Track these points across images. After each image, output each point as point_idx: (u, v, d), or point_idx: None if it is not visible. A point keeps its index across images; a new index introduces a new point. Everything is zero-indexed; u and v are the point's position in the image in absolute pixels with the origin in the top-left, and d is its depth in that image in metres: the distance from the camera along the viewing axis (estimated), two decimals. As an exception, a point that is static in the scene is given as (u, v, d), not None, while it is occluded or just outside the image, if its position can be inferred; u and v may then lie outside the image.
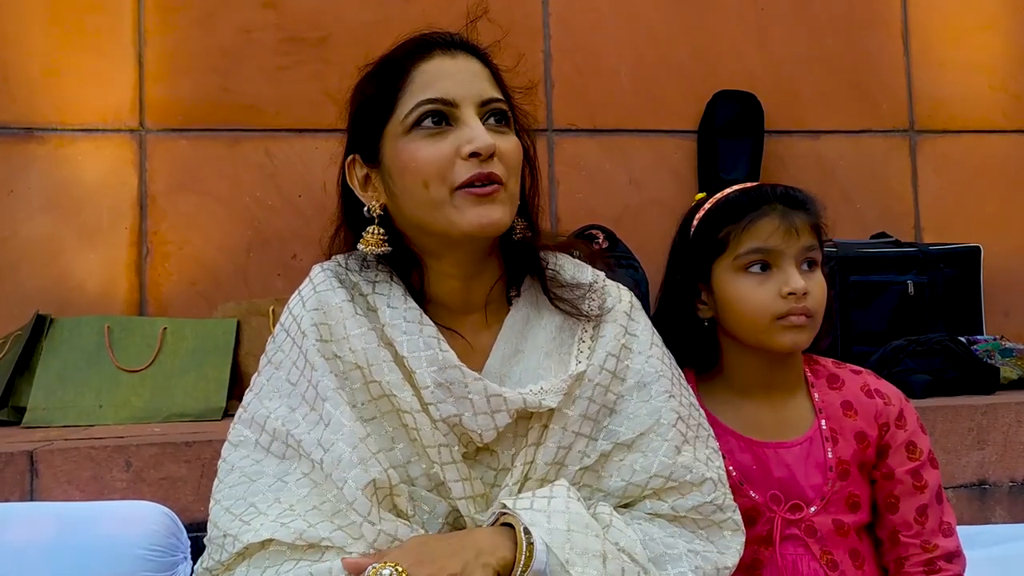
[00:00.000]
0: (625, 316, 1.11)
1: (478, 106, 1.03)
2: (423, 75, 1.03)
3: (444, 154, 1.00)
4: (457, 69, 1.04)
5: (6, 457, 1.70)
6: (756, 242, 1.15)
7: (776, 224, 1.14)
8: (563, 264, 1.15)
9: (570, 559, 0.91)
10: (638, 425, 1.05)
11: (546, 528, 0.92)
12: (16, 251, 2.44)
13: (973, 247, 2.56)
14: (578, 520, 0.94)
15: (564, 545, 0.92)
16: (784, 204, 1.16)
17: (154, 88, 2.55)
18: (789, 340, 1.14)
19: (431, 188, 1.00)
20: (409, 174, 1.02)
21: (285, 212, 2.57)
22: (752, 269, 1.16)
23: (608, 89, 2.76)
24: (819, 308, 1.15)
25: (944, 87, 2.91)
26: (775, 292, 1.13)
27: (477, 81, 1.04)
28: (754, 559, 1.15)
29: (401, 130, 1.03)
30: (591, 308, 1.10)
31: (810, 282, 1.14)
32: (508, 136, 1.06)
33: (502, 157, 1.02)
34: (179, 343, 2.22)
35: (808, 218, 1.16)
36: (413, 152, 1.01)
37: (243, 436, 1.03)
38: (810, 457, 1.17)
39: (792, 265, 1.14)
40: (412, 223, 1.05)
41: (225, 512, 0.97)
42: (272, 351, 1.07)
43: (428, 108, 1.01)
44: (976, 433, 1.91)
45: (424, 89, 1.02)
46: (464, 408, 0.99)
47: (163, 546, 1.57)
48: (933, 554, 1.15)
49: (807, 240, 1.15)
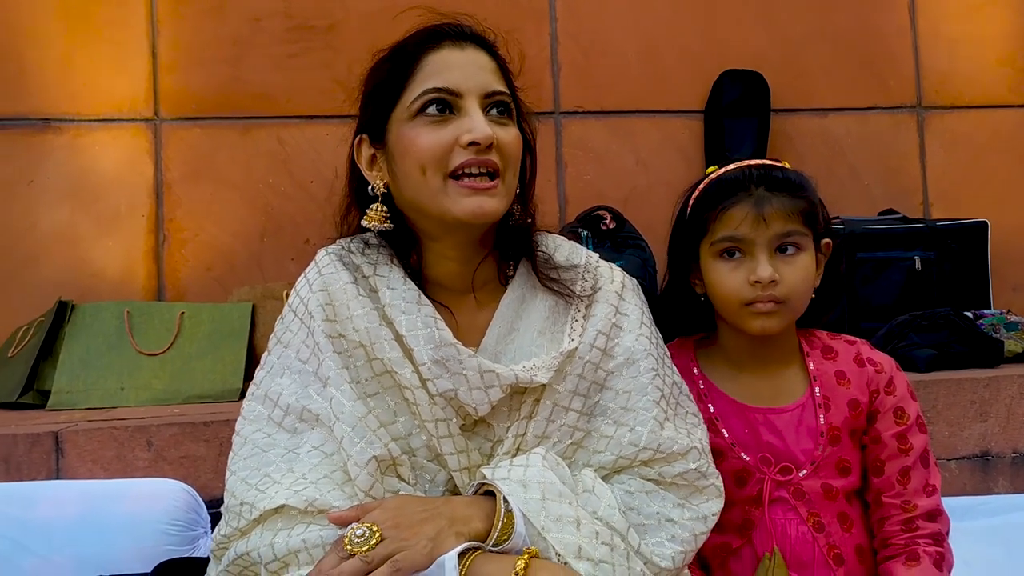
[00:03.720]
0: (616, 296, 1.15)
1: (481, 97, 1.08)
2: (431, 64, 1.08)
3: (444, 141, 1.05)
4: (464, 60, 1.08)
5: (33, 438, 1.76)
6: (727, 230, 1.18)
7: (746, 212, 1.16)
8: (558, 245, 1.19)
9: (545, 525, 0.96)
10: (625, 401, 1.09)
11: (523, 497, 0.98)
12: (37, 240, 2.50)
13: (980, 222, 2.57)
14: (552, 488, 0.99)
15: (540, 513, 0.97)
16: (765, 187, 1.17)
17: (167, 78, 2.59)
18: (758, 326, 1.18)
19: (427, 174, 1.05)
20: (409, 158, 1.07)
21: (297, 198, 2.62)
22: (725, 255, 1.20)
23: (615, 71, 2.78)
24: (792, 293, 1.17)
25: (951, 62, 2.91)
26: (744, 279, 1.17)
27: (483, 73, 1.09)
28: (745, 519, 1.20)
29: (407, 115, 1.08)
30: (583, 288, 1.15)
31: (785, 268, 1.16)
32: (509, 128, 1.10)
33: (501, 148, 1.07)
34: (196, 327, 2.27)
35: (789, 203, 1.16)
36: (414, 137, 1.06)
37: (256, 411, 1.08)
38: (802, 423, 1.21)
39: (763, 252, 1.16)
40: (411, 204, 1.10)
41: (241, 482, 1.02)
42: (281, 331, 1.12)
43: (433, 96, 1.06)
44: (979, 406, 1.93)
45: (431, 78, 1.07)
46: (459, 383, 1.03)
47: (184, 521, 1.63)
48: (912, 513, 1.18)
49: (780, 227, 1.16)
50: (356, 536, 0.92)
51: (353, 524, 0.94)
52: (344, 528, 0.95)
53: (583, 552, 0.96)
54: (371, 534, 0.92)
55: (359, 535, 0.92)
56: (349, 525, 0.94)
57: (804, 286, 1.18)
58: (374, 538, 0.92)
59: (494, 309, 1.13)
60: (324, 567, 0.91)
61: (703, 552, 1.21)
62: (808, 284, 1.19)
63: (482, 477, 1.03)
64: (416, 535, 0.93)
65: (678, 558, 1.04)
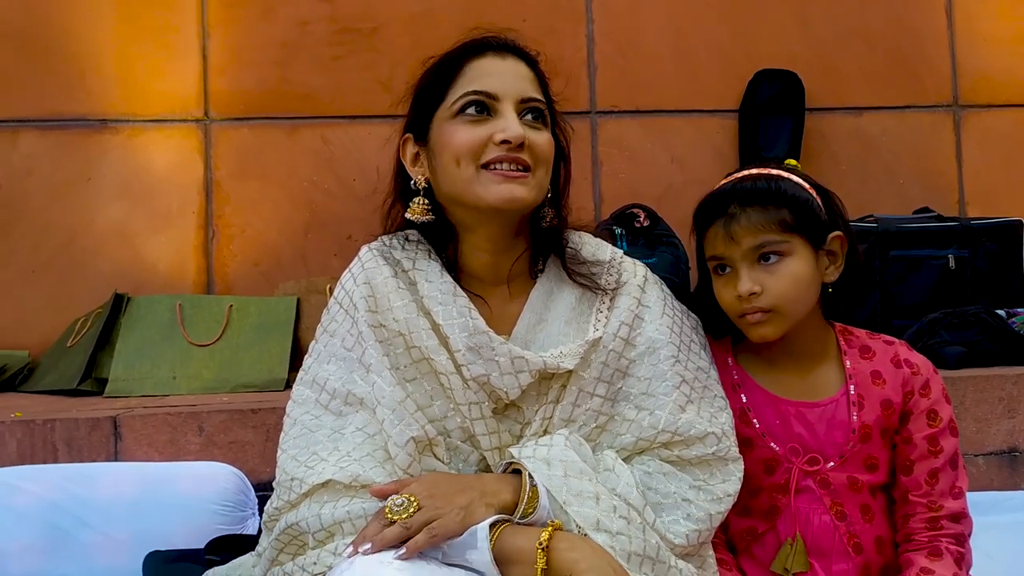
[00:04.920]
0: (639, 289, 1.23)
1: (517, 103, 1.17)
2: (473, 70, 1.18)
3: (479, 138, 1.14)
4: (504, 69, 1.18)
5: (93, 422, 1.87)
6: (711, 250, 1.25)
7: (718, 232, 1.21)
8: (585, 242, 1.27)
9: (567, 500, 1.04)
10: (646, 387, 1.17)
11: (546, 474, 1.06)
12: (95, 235, 2.62)
13: (1015, 221, 2.56)
14: (573, 466, 1.07)
15: (562, 488, 1.05)
16: (737, 203, 1.20)
17: (217, 80, 2.70)
18: (755, 335, 1.23)
19: (462, 165, 1.14)
20: (447, 152, 1.16)
21: (341, 195, 2.70)
22: (718, 271, 1.25)
23: (650, 71, 2.82)
24: (779, 300, 1.19)
25: (989, 61, 2.90)
26: (734, 293, 1.22)
27: (521, 81, 1.18)
28: (772, 506, 1.24)
29: (448, 115, 1.17)
30: (608, 282, 1.23)
31: (768, 277, 1.19)
32: (542, 132, 1.19)
33: (532, 148, 1.15)
34: (244, 319, 2.37)
35: (759, 216, 1.19)
36: (453, 133, 1.16)
37: (304, 395, 1.17)
38: (835, 418, 1.24)
39: (743, 267, 1.20)
40: (449, 197, 1.19)
41: (291, 460, 1.11)
42: (327, 321, 1.21)
43: (472, 98, 1.16)
44: (1007, 402, 1.95)
45: (472, 82, 1.17)
46: (492, 369, 1.12)
47: (233, 503, 1.72)
48: (938, 513, 1.21)
49: (752, 241, 1.19)
50: (396, 505, 0.99)
51: (393, 495, 1.01)
52: (384, 501, 1.02)
53: (601, 524, 1.03)
54: (409, 503, 1.00)
55: (399, 504, 1.00)
56: (389, 497, 1.01)
57: (794, 291, 1.20)
58: (412, 507, 0.99)
59: (524, 301, 1.21)
60: (368, 533, 0.99)
61: (730, 535, 1.27)
62: (800, 287, 1.21)
63: (510, 456, 1.11)
64: (450, 504, 1.01)
65: (692, 536, 1.10)
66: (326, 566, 1.02)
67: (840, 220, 1.27)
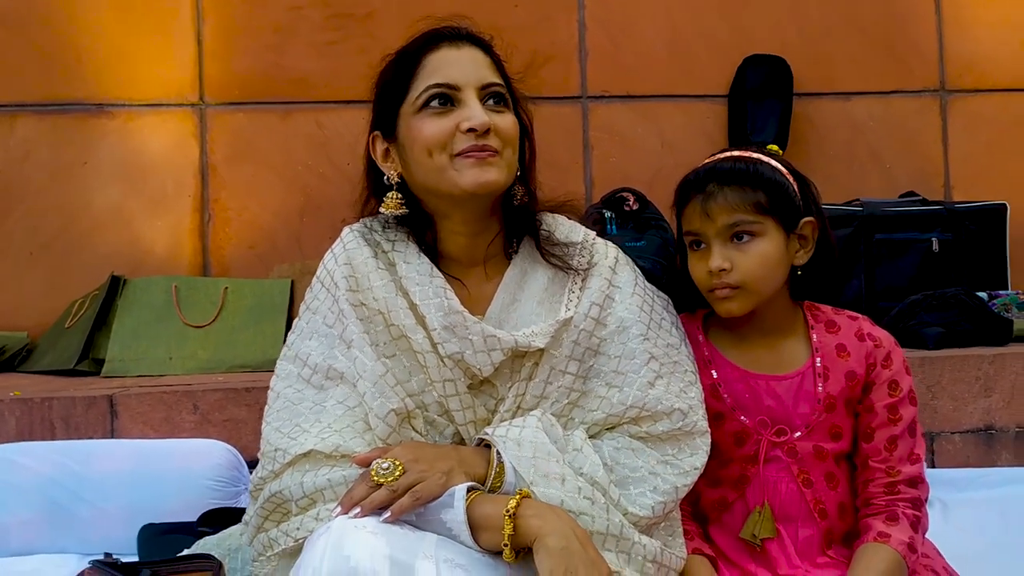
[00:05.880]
0: (610, 270, 1.27)
1: (478, 89, 1.20)
2: (432, 63, 1.21)
3: (446, 129, 1.18)
4: (461, 58, 1.21)
5: (90, 400, 1.91)
6: (687, 225, 1.29)
7: (696, 210, 1.26)
8: (559, 224, 1.31)
9: (534, 480, 1.09)
10: (617, 365, 1.21)
11: (515, 455, 1.11)
12: (92, 218, 2.66)
13: (999, 204, 2.60)
14: (542, 448, 1.12)
15: (529, 469, 1.10)
16: (716, 182, 1.25)
17: (212, 64, 2.73)
18: (723, 309, 1.28)
19: (434, 156, 1.18)
20: (418, 146, 1.19)
21: (335, 179, 2.73)
22: (693, 247, 1.30)
23: (641, 56, 2.85)
24: (747, 278, 1.24)
25: (975, 46, 2.92)
26: (705, 268, 1.26)
27: (479, 68, 1.21)
28: (741, 475, 1.29)
29: (412, 110, 1.21)
30: (580, 263, 1.27)
31: (739, 255, 1.24)
32: (505, 114, 1.22)
33: (498, 132, 1.19)
34: (239, 301, 2.42)
35: (735, 196, 1.24)
36: (421, 127, 1.19)
37: (287, 370, 1.22)
38: (801, 390, 1.29)
39: (716, 244, 1.25)
40: (423, 188, 1.23)
41: (275, 431, 1.17)
42: (310, 299, 1.27)
43: (434, 91, 1.19)
44: (983, 382, 1.99)
45: (432, 75, 1.20)
46: (466, 347, 1.16)
47: (227, 478, 1.78)
48: (895, 478, 1.26)
49: (726, 219, 1.24)
50: (382, 469, 1.05)
51: (378, 459, 1.06)
52: (365, 469, 1.07)
53: (565, 505, 1.08)
54: (395, 467, 1.05)
55: (384, 468, 1.05)
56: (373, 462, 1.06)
57: (762, 270, 1.25)
58: (397, 471, 1.04)
59: (499, 281, 1.25)
60: (356, 495, 1.04)
61: (701, 505, 1.32)
62: (769, 267, 1.25)
63: (484, 434, 1.15)
64: (432, 469, 1.06)
65: (658, 508, 1.15)
66: (308, 530, 1.06)
67: (814, 206, 1.31)
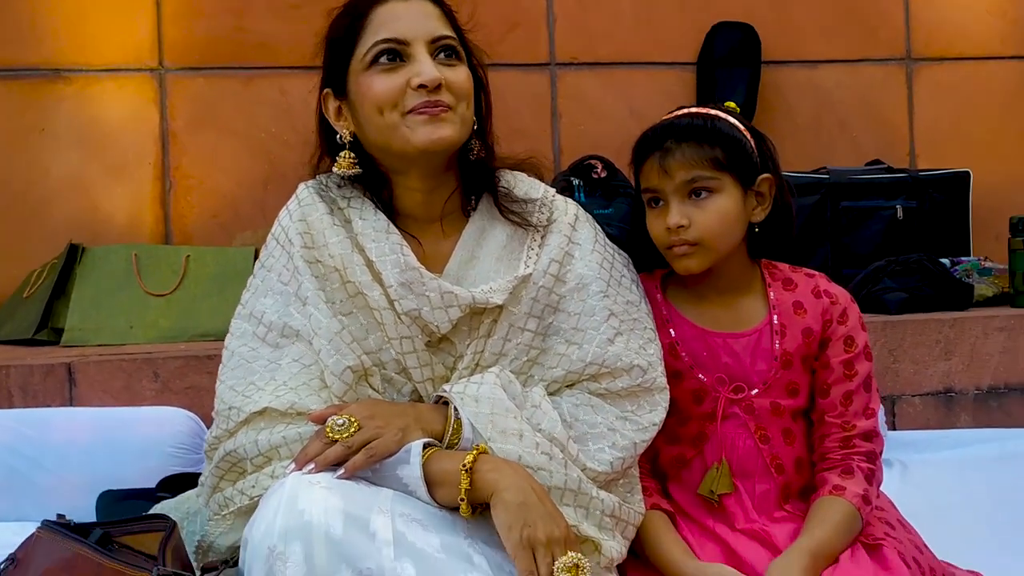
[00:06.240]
0: (569, 227, 1.26)
1: (428, 43, 1.17)
2: (379, 17, 1.18)
3: (396, 85, 1.15)
4: (409, 11, 1.18)
5: (47, 368, 1.88)
6: (645, 183, 1.29)
7: (654, 166, 1.26)
8: (519, 181, 1.30)
9: (492, 436, 1.09)
10: (576, 322, 1.21)
11: (473, 411, 1.10)
12: (49, 186, 2.60)
13: (963, 172, 2.63)
14: (500, 404, 1.11)
15: (487, 425, 1.09)
16: (673, 139, 1.24)
17: (171, 28, 2.66)
18: (681, 266, 1.28)
19: (385, 114, 1.16)
20: (368, 104, 1.17)
21: (299, 147, 2.63)
22: (652, 204, 1.30)
23: (609, 23, 2.82)
24: (705, 234, 1.24)
25: (942, 14, 2.93)
26: (663, 225, 1.26)
27: (428, 21, 1.19)
28: (700, 432, 1.30)
29: (361, 67, 1.18)
30: (539, 220, 1.26)
31: (696, 212, 1.24)
32: (458, 68, 1.20)
33: (450, 86, 1.17)
34: (202, 269, 2.38)
35: (693, 152, 1.23)
36: (370, 85, 1.17)
37: (242, 328, 1.21)
38: (758, 347, 1.30)
39: (673, 200, 1.25)
40: (377, 146, 1.21)
41: (229, 390, 1.15)
42: (264, 257, 1.24)
43: (383, 47, 1.16)
44: (944, 345, 2.02)
45: (379, 30, 1.17)
46: (423, 304, 1.15)
47: (188, 445, 1.76)
48: (851, 432, 1.28)
49: (684, 175, 1.24)
50: (337, 425, 1.03)
51: (333, 416, 1.05)
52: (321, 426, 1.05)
53: (523, 460, 1.08)
54: (350, 424, 1.03)
55: (339, 424, 1.03)
56: (328, 419, 1.05)
57: (720, 227, 1.25)
58: (353, 427, 1.03)
59: (457, 239, 1.24)
60: (310, 452, 1.03)
61: (660, 463, 1.32)
62: (727, 223, 1.26)
63: (442, 391, 1.14)
64: (388, 426, 1.05)
65: (616, 463, 1.15)
66: (264, 488, 1.05)
67: (771, 163, 1.32)
